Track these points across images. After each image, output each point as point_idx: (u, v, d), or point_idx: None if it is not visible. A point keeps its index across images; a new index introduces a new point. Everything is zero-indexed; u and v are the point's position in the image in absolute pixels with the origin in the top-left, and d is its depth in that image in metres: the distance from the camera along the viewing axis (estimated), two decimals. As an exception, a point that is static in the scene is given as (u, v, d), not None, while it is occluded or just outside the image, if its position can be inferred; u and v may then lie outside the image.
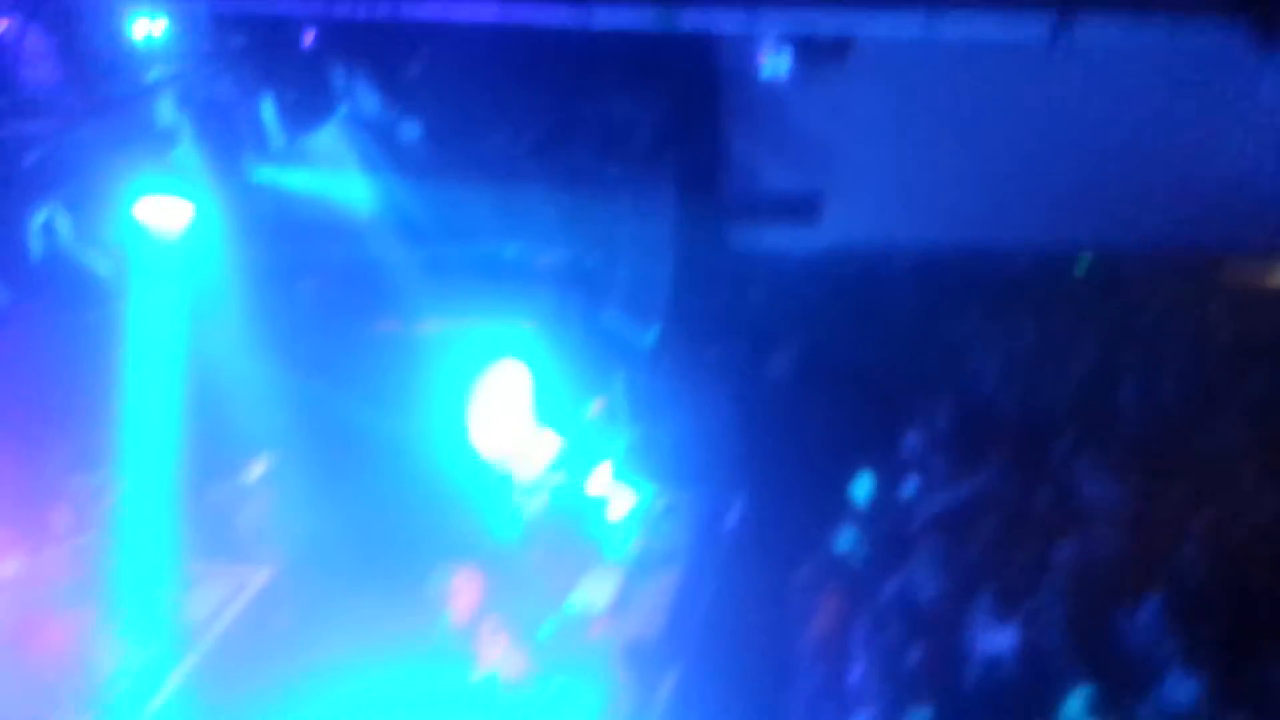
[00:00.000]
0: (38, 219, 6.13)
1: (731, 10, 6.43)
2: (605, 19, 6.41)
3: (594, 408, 10.64)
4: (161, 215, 6.91)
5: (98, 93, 6.54)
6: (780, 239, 11.31)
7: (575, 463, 10.23)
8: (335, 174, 9.87)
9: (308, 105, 7.56)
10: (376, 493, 9.86)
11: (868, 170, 10.83)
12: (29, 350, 8.29)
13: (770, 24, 7.04)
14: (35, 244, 6.10)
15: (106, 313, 6.95)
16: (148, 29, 6.89)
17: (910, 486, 9.43)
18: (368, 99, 8.19)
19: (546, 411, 10.80)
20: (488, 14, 6.33)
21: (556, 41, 8.73)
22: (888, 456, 9.75)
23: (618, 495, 9.93)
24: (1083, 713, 6.81)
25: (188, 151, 7.02)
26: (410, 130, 9.50)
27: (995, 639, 7.68)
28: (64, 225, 6.23)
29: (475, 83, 9.51)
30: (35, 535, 8.86)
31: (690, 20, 6.44)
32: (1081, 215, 10.47)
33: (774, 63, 8.93)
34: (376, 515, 9.72)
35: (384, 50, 8.33)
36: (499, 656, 7.91)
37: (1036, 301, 11.21)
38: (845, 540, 9.03)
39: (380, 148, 9.81)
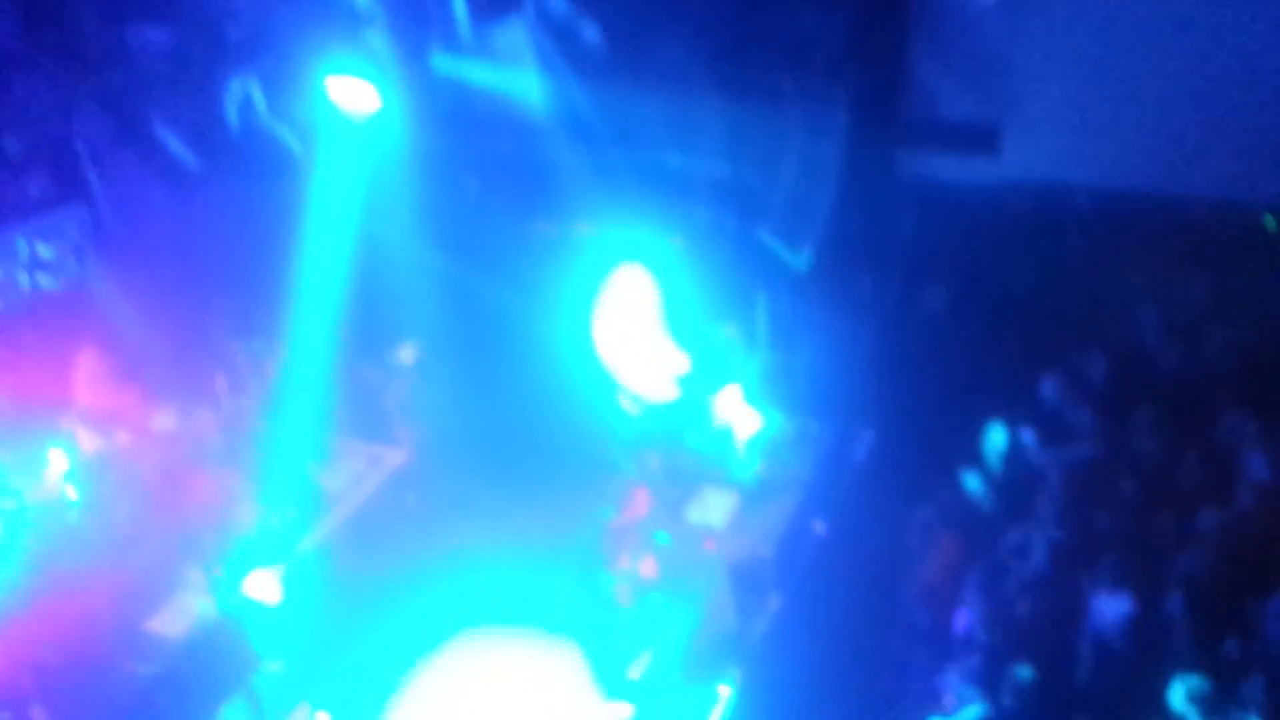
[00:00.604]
0: (236, 91, 6.59)
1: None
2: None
3: (730, 327, 10.93)
4: (350, 96, 7.34)
5: (298, -31, 6.97)
6: (953, 170, 11.21)
7: (708, 380, 10.54)
8: (513, 70, 10.20)
9: (496, -1, 7.84)
10: (512, 390, 10.37)
11: (1053, 105, 10.63)
12: (213, 218, 8.93)
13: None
14: (232, 115, 6.58)
15: (291, 186, 7.43)
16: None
17: (1050, 437, 9.39)
18: (554, -3, 8.43)
19: (682, 325, 11.15)
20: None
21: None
22: (1031, 403, 9.74)
23: (746, 418, 10.24)
24: (1188, 700, 6.71)
25: (378, 36, 7.41)
26: (590, 32, 9.74)
27: (1113, 605, 7.68)
28: (259, 99, 6.69)
29: (657, -16, 9.70)
30: (193, 394, 9.63)
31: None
32: (1273, 169, 10.22)
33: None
34: (509, 412, 10.26)
35: (573, -54, 8.55)
36: (632, 562, 8.36)
37: (1213, 256, 10.81)
38: (972, 484, 9.16)
39: (559, 48, 10.08)
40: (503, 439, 10.02)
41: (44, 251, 6.38)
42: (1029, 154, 10.89)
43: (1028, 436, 9.38)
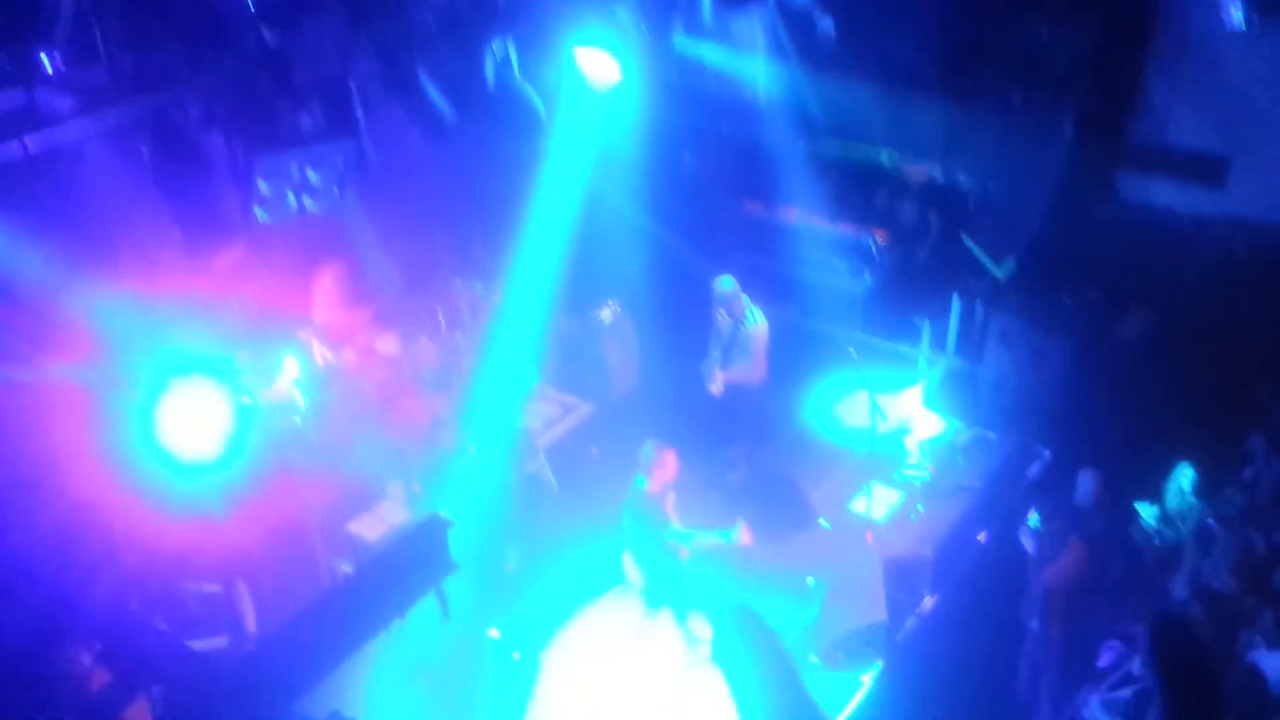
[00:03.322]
0: (495, 52, 7.28)
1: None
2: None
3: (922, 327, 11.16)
4: (594, 66, 7.98)
5: (560, -54, 7.63)
6: (1173, 197, 11.12)
7: (891, 377, 10.86)
8: (746, 55, 10.68)
9: (743, -13, 8.34)
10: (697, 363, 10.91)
11: (1286, 147, 10.48)
12: (457, 165, 9.74)
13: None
14: (489, 73, 7.27)
15: (532, 144, 8.09)
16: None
17: (1231, 486, 9.29)
18: (798, -12, 8.87)
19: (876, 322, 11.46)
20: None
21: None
22: (1218, 447, 9.62)
23: (924, 419, 10.54)
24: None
25: (627, 13, 8.02)
26: (826, 25, 10.12)
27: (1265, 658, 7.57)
28: (514, 61, 7.37)
29: (901, -12, 10.00)
30: (416, 324, 10.56)
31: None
32: None
33: (1229, 9, 8.67)
34: (694, 384, 10.79)
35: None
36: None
37: None
38: (1146, 520, 9.23)
39: (794, 37, 10.50)
40: (679, 409, 10.54)
41: (312, 177, 7.15)
42: (1255, 192, 10.75)
43: (1217, 482, 9.38)
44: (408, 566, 7.49)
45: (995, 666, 8.62)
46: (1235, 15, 8.69)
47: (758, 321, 10.44)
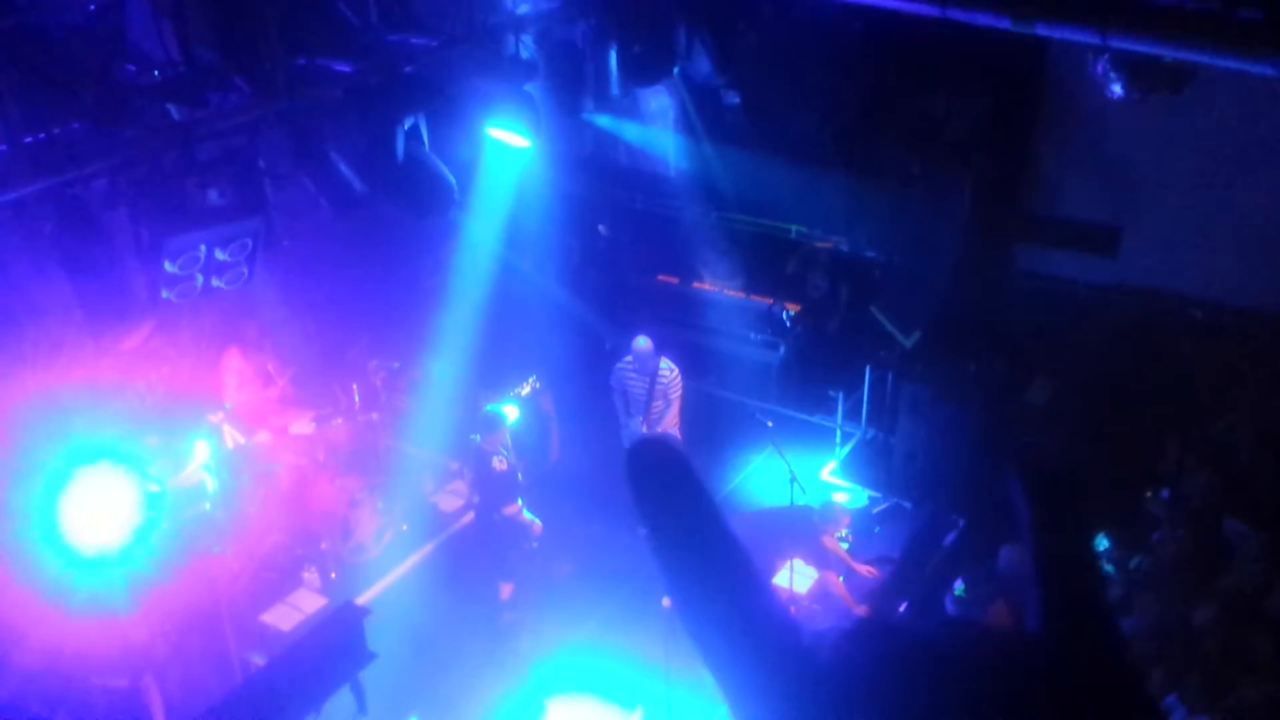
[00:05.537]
0: (405, 124, 7.11)
1: (1086, 27, 6.50)
2: (960, 14, 6.59)
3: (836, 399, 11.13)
4: (506, 140, 7.86)
5: (474, 21, 7.53)
6: (1069, 266, 11.33)
7: (808, 449, 10.76)
8: (656, 130, 10.70)
9: (649, 61, 8.30)
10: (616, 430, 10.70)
11: (1174, 214, 10.70)
12: (374, 241, 9.49)
13: (1121, 45, 7.05)
14: (399, 146, 7.09)
15: (442, 218, 7.90)
16: (524, -32, 7.87)
17: (1140, 553, 9.40)
18: (700, 63, 8.90)
19: (791, 394, 11.41)
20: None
21: (888, 31, 9.20)
22: (1127, 511, 9.75)
23: (840, 491, 10.41)
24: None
25: (537, 87, 7.94)
26: (731, 100, 10.18)
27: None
28: (424, 134, 7.21)
29: (799, 62, 10.10)
30: (330, 404, 10.19)
31: (1045, 28, 6.65)
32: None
33: (1106, 83, 8.90)
34: (614, 451, 10.57)
35: (724, 19, 9.03)
36: None
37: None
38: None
39: (701, 113, 10.54)
40: (602, 480, 10.31)
41: (220, 256, 6.88)
42: (1147, 259, 10.94)
43: (1126, 547, 9.42)
44: (322, 658, 7.17)
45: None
46: (1116, 87, 8.88)
47: (674, 369, 10.39)
